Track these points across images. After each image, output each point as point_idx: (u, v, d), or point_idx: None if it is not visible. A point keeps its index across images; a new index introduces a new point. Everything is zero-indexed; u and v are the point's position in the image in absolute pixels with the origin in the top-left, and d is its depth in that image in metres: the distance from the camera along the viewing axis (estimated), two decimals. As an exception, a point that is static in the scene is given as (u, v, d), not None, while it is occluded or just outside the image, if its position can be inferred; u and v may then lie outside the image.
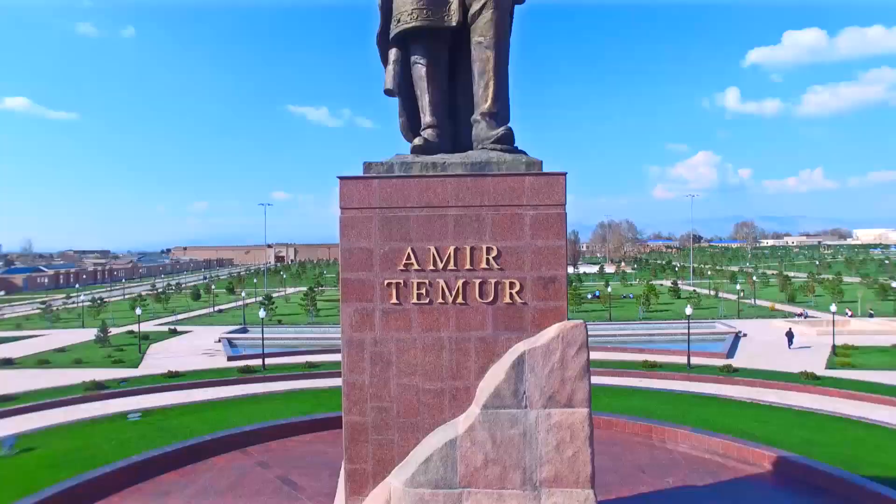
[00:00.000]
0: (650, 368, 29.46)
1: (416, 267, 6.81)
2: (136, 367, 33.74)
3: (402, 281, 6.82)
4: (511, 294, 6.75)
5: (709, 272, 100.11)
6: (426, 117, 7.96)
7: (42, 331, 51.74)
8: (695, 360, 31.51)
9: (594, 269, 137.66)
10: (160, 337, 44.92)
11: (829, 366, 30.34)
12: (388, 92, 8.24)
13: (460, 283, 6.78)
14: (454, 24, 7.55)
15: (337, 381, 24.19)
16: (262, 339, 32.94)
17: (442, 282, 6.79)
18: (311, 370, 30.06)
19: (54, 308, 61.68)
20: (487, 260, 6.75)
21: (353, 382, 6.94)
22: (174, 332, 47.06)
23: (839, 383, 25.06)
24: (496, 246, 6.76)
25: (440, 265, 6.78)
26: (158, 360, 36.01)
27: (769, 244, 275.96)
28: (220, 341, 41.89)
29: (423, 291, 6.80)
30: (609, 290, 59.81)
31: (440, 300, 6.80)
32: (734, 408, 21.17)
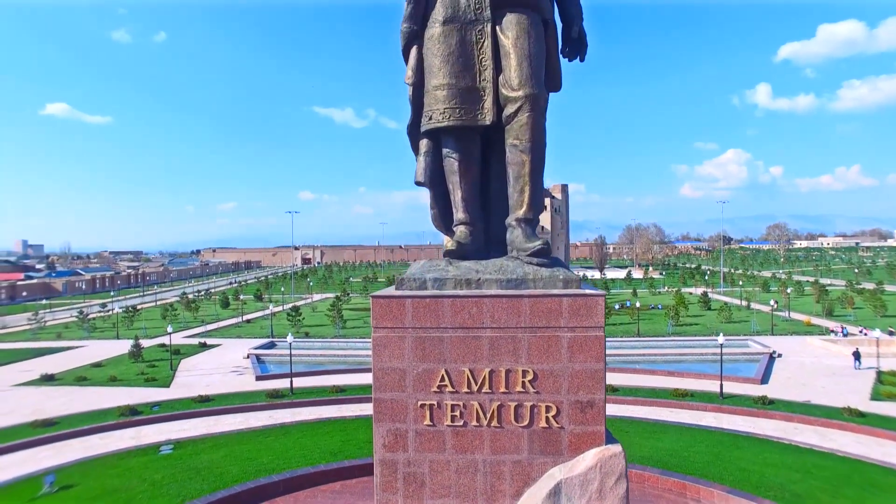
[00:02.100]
0: (681, 398, 28.76)
1: (450, 389, 6.66)
2: (168, 385, 34.50)
3: (436, 402, 6.68)
4: (547, 418, 6.55)
5: (740, 281, 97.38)
6: (458, 213, 7.81)
7: (80, 341, 53.45)
8: (727, 387, 30.64)
9: (621, 273, 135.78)
10: (190, 351, 45.85)
11: (874, 396, 29.00)
12: (419, 184, 8.13)
13: (495, 405, 6.61)
14: (488, 122, 7.39)
15: (364, 410, 24.08)
16: (290, 363, 33.26)
17: (476, 404, 6.63)
18: (338, 395, 30.24)
19: (91, 317, 63.63)
20: (523, 383, 6.57)
21: (385, 502, 6.83)
22: (204, 346, 47.97)
23: (888, 422, 23.75)
24: (532, 369, 6.57)
25: (475, 387, 6.63)
26: (189, 377, 36.77)
27: (803, 245, 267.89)
28: (248, 357, 42.52)
29: (458, 413, 6.65)
30: (637, 304, 58.65)
31: (475, 423, 6.64)
32: (771, 451, 20.45)
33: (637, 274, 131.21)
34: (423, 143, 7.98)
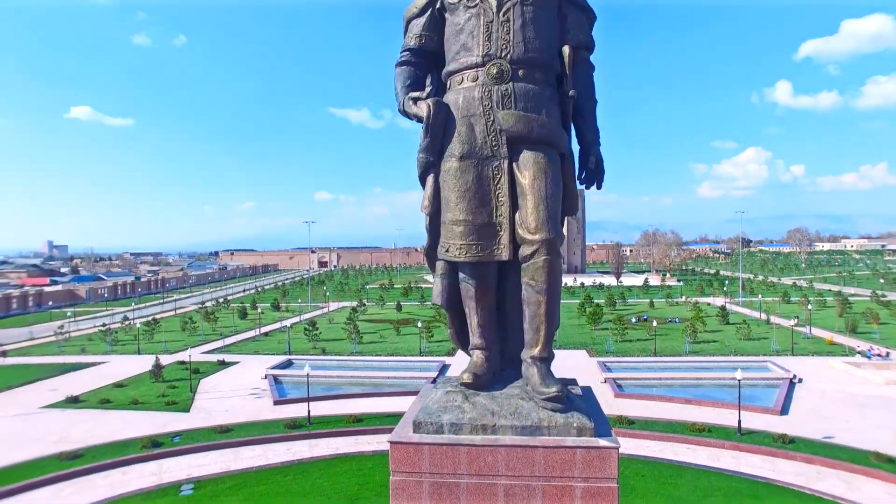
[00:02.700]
0: (698, 433, 28.52)
1: (465, 534, 6.78)
2: (188, 410, 35.20)
3: (452, 546, 6.80)
4: (562, 565, 6.62)
5: (759, 294, 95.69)
6: (474, 338, 7.91)
7: (103, 356, 54.65)
8: (745, 417, 30.20)
9: (638, 279, 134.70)
10: (209, 370, 46.56)
11: (904, 434, 28.29)
12: (436, 305, 8.28)
13: (510, 551, 6.71)
14: (504, 258, 7.46)
15: (380, 444, 24.43)
16: (308, 393, 33.60)
17: (492, 549, 6.73)
18: (355, 425, 30.59)
19: (113, 327, 65.15)
20: (538, 531, 6.65)
21: None
22: (222, 364, 48.74)
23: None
24: (547, 517, 6.65)
25: (490, 534, 6.73)
26: (208, 400, 37.45)
27: (825, 248, 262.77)
28: (265, 378, 43.11)
29: (473, 558, 6.76)
30: (654, 323, 58.01)
31: (490, 568, 6.74)
32: (793, 503, 20.18)
33: (654, 280, 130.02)
34: (440, 266, 8.10)
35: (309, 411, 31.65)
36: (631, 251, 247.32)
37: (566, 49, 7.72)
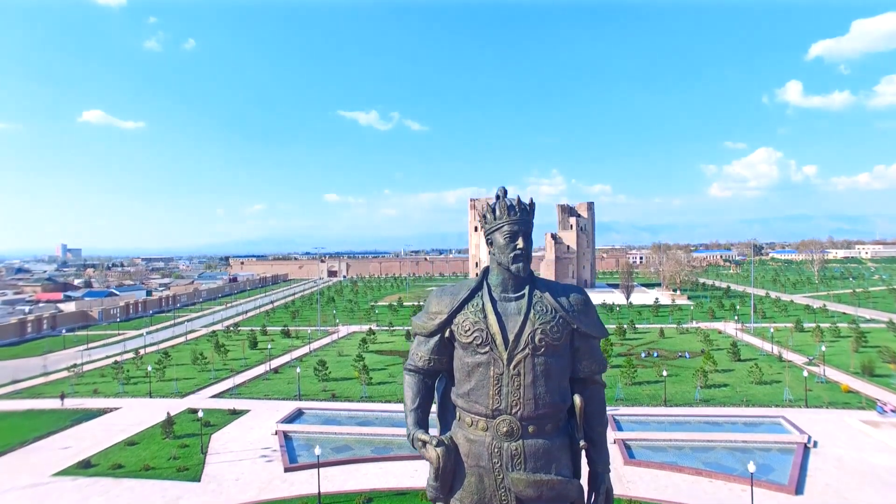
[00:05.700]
0: (711, 524, 28.23)
1: None
2: (198, 479, 35.40)
3: None
4: None
5: (772, 320, 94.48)
6: None
7: (115, 400, 55.16)
8: (759, 498, 29.87)
9: (648, 296, 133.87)
10: (221, 421, 46.86)
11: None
12: None
13: None
14: None
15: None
16: (318, 474, 33.62)
17: None
18: (364, 507, 30.65)
19: (125, 366, 65.84)
20: None
21: None
22: (234, 413, 49.05)
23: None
24: None
25: None
26: (219, 465, 37.69)
27: (839, 255, 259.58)
28: (276, 434, 43.34)
29: None
30: (665, 372, 57.43)
31: None
32: None
33: (664, 299, 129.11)
34: None
35: (319, 493, 31.73)
36: (641, 259, 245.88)
37: (577, 400, 7.58)
